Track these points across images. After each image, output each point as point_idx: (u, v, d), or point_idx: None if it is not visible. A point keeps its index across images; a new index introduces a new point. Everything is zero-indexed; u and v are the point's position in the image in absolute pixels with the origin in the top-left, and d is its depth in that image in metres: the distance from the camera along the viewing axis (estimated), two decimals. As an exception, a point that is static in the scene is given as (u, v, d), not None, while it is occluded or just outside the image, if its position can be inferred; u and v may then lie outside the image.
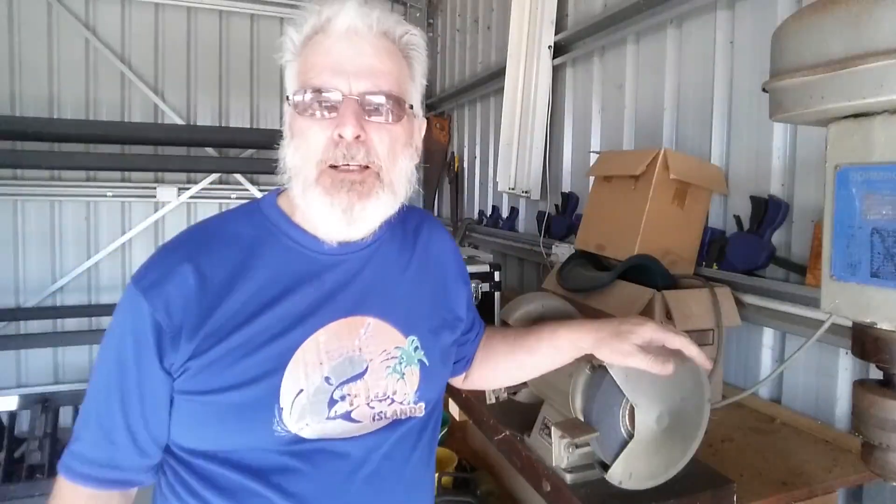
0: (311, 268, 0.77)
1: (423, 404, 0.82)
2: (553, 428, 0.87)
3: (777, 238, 1.45)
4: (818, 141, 1.32)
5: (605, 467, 0.83)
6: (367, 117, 0.72)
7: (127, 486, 0.76)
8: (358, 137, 0.71)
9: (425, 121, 0.86)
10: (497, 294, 1.88)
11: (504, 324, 1.13)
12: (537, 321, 1.08)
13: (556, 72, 2.46)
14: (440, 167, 3.95)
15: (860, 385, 0.79)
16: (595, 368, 0.87)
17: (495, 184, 2.92)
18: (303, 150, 0.73)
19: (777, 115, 0.82)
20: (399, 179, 0.76)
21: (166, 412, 0.74)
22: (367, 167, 0.72)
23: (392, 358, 0.80)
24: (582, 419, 0.87)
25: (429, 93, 4.18)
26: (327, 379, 0.75)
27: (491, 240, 3.03)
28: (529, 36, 2.51)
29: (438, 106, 3.98)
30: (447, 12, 3.91)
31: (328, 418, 0.75)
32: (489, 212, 3.20)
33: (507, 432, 1.12)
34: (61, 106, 3.52)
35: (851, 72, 0.69)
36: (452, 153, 3.80)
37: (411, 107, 0.78)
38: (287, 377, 0.72)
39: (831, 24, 0.71)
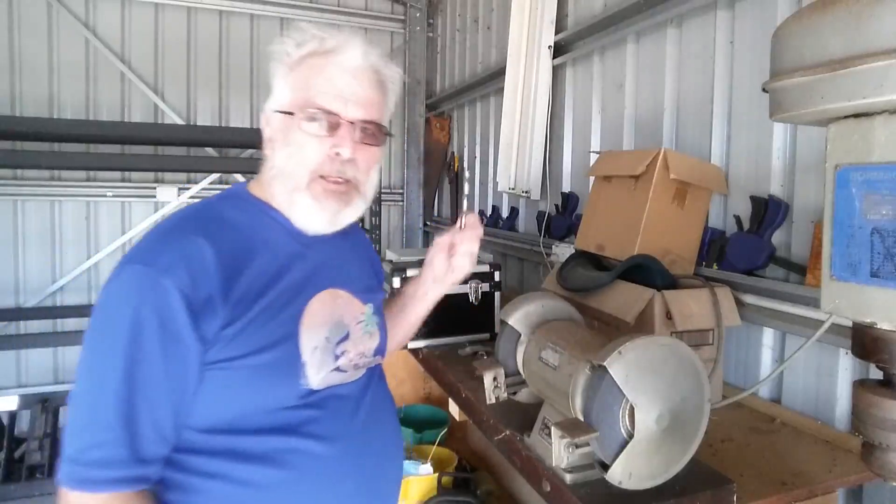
0: (297, 248, 0.90)
1: (380, 357, 1.01)
2: (553, 428, 0.87)
3: (777, 238, 1.45)
4: (818, 141, 1.32)
5: (605, 467, 0.83)
6: (357, 140, 0.86)
7: (149, 482, 0.75)
8: (351, 158, 0.86)
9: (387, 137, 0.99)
10: (497, 294, 1.88)
11: (503, 323, 1.14)
12: (540, 323, 1.09)
13: (556, 72, 2.46)
14: (440, 167, 3.95)
15: (860, 385, 0.79)
16: (595, 368, 0.87)
17: (495, 184, 2.92)
18: (297, 158, 0.85)
19: (777, 115, 0.82)
20: (370, 190, 0.93)
21: (192, 393, 0.76)
22: (348, 181, 0.87)
23: (360, 322, 0.95)
24: (582, 419, 0.87)
25: (429, 93, 4.19)
26: (327, 338, 0.88)
27: (491, 240, 3.03)
28: (529, 36, 2.51)
29: (438, 106, 3.98)
30: (447, 12, 3.91)
31: (332, 371, 0.87)
32: (489, 212, 3.20)
33: (507, 432, 1.12)
34: (61, 106, 3.52)
35: (851, 72, 0.69)
36: (452, 153, 3.80)
37: (387, 131, 0.94)
38: (303, 336, 0.84)
39: (831, 24, 0.71)
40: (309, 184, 0.86)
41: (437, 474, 1.65)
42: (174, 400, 0.75)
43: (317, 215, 0.87)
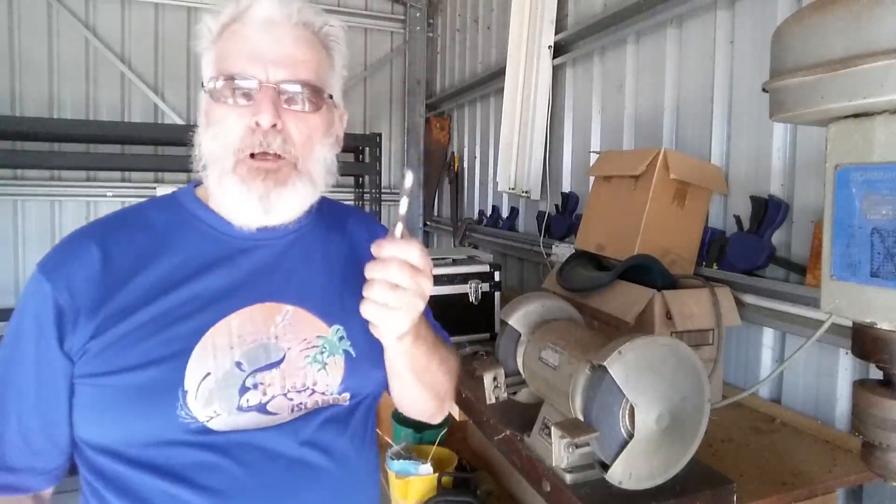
0: (223, 251, 0.76)
1: (347, 395, 0.79)
2: (553, 428, 0.87)
3: (777, 238, 1.45)
4: (818, 141, 1.32)
5: (605, 467, 0.83)
6: (284, 105, 0.73)
7: (18, 490, 0.71)
8: (275, 126, 0.71)
9: (346, 112, 0.86)
10: (497, 294, 1.88)
11: (503, 323, 1.13)
12: (540, 323, 1.08)
13: (556, 72, 2.46)
14: (440, 167, 3.95)
15: (860, 385, 0.79)
16: (595, 368, 0.87)
17: (495, 184, 2.92)
18: (220, 139, 0.73)
19: (777, 115, 0.82)
20: (317, 169, 0.76)
21: (65, 406, 0.70)
22: (280, 157, 0.73)
23: (312, 347, 0.77)
24: (582, 419, 0.87)
25: (429, 93, 4.18)
26: (238, 364, 0.72)
27: (491, 240, 3.03)
28: (529, 36, 2.51)
29: (438, 106, 3.98)
30: (447, 12, 3.91)
31: (240, 409, 0.71)
32: (489, 212, 3.20)
33: (507, 432, 1.12)
34: (61, 106, 3.52)
35: (851, 72, 0.69)
36: (452, 153, 3.80)
37: (331, 97, 0.79)
38: (194, 359, 0.69)
39: (831, 24, 0.71)
40: (235, 166, 0.72)
41: (437, 474, 1.64)
42: (43, 408, 0.69)
43: (245, 199, 0.72)
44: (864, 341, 0.76)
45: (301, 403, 0.75)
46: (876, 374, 0.80)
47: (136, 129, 3.39)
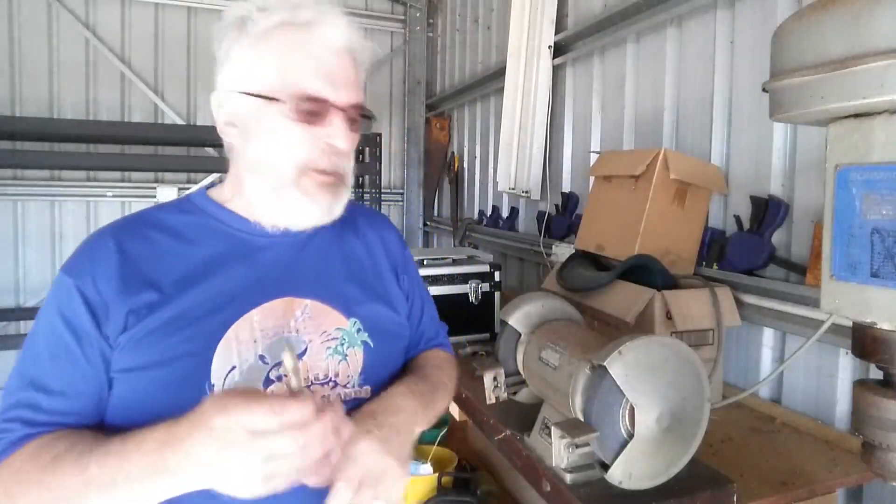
0: (241, 249, 0.78)
1: (368, 388, 0.81)
2: (553, 428, 0.87)
3: (777, 238, 1.45)
4: (818, 141, 1.32)
5: (605, 467, 0.83)
6: (351, 129, 0.76)
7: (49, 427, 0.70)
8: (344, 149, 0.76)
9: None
10: (497, 294, 1.88)
11: (503, 323, 1.13)
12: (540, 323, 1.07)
13: (556, 72, 2.46)
14: (440, 167, 3.95)
15: (860, 385, 0.79)
16: (595, 368, 0.87)
17: (495, 184, 2.92)
18: (281, 150, 0.74)
19: (777, 115, 0.82)
20: (351, 179, 0.81)
21: (105, 387, 0.70)
22: (339, 173, 0.77)
23: (333, 339, 0.79)
24: (582, 419, 0.87)
25: (429, 93, 4.18)
26: (262, 358, 0.74)
27: (491, 240, 3.03)
28: (529, 36, 2.51)
29: (438, 106, 3.98)
30: (447, 12, 3.91)
31: None
32: (489, 212, 3.20)
33: (507, 432, 1.12)
34: (61, 106, 3.52)
35: (851, 72, 0.69)
36: (452, 153, 3.80)
37: (369, 114, 0.83)
38: (219, 354, 0.71)
39: (831, 24, 0.71)
40: (298, 179, 0.74)
41: (437, 474, 1.64)
42: (93, 379, 0.69)
43: (307, 211, 0.76)
44: (864, 341, 0.76)
45: (324, 397, 0.76)
46: (876, 374, 0.80)
47: (136, 129, 3.40)
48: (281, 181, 0.75)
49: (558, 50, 2.41)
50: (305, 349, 0.77)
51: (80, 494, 0.61)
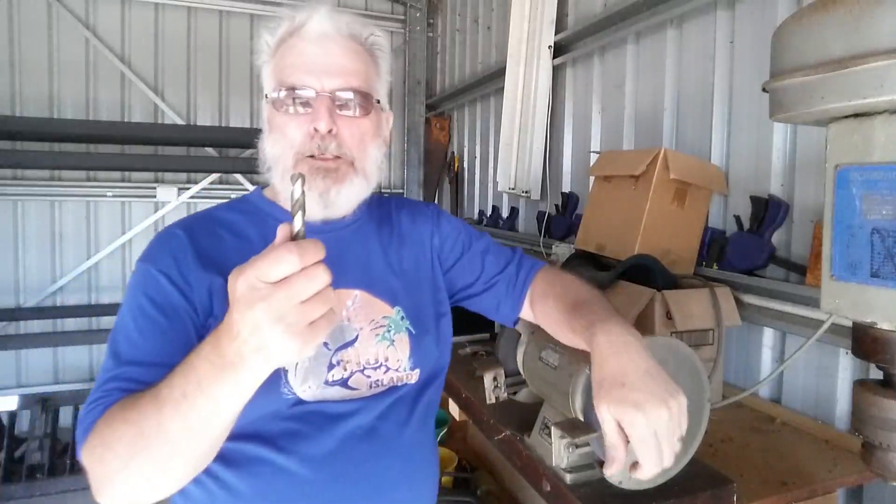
0: None
1: (417, 371, 0.88)
2: (553, 428, 0.87)
3: (777, 238, 1.45)
4: (818, 141, 1.32)
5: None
6: (338, 112, 0.81)
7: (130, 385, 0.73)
8: (330, 131, 0.80)
9: (392, 114, 0.94)
10: (497, 294, 1.87)
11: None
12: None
13: (556, 72, 2.46)
14: (440, 167, 3.95)
15: (860, 385, 0.79)
16: (595, 368, 0.87)
17: (495, 184, 2.92)
18: (281, 143, 0.82)
19: (777, 115, 0.82)
20: (370, 166, 0.85)
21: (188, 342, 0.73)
22: (339, 157, 0.81)
23: (380, 326, 0.86)
24: (582, 419, 0.87)
25: (429, 93, 4.18)
26: (325, 344, 0.81)
27: (491, 240, 3.03)
28: (529, 36, 2.51)
29: (438, 106, 3.98)
30: (447, 12, 3.91)
31: (327, 383, 0.81)
32: (489, 212, 3.20)
33: (507, 432, 1.12)
34: (61, 106, 3.52)
35: (851, 72, 0.69)
36: (452, 153, 3.80)
37: (378, 101, 0.87)
38: None
39: (831, 24, 0.71)
40: (295, 165, 0.80)
41: (437, 474, 1.64)
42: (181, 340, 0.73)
43: (306, 195, 0.80)
44: (864, 341, 0.76)
45: (378, 381, 0.84)
46: (876, 374, 0.80)
47: (136, 129, 3.40)
48: (286, 170, 0.81)
49: (558, 50, 2.41)
50: (357, 336, 0.84)
51: (155, 417, 0.61)
